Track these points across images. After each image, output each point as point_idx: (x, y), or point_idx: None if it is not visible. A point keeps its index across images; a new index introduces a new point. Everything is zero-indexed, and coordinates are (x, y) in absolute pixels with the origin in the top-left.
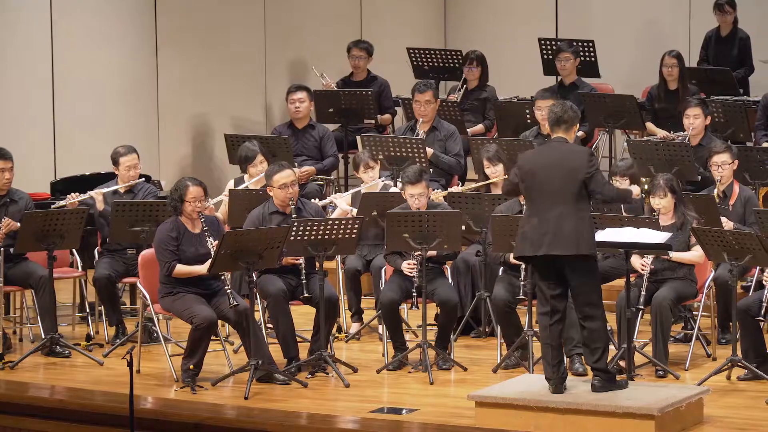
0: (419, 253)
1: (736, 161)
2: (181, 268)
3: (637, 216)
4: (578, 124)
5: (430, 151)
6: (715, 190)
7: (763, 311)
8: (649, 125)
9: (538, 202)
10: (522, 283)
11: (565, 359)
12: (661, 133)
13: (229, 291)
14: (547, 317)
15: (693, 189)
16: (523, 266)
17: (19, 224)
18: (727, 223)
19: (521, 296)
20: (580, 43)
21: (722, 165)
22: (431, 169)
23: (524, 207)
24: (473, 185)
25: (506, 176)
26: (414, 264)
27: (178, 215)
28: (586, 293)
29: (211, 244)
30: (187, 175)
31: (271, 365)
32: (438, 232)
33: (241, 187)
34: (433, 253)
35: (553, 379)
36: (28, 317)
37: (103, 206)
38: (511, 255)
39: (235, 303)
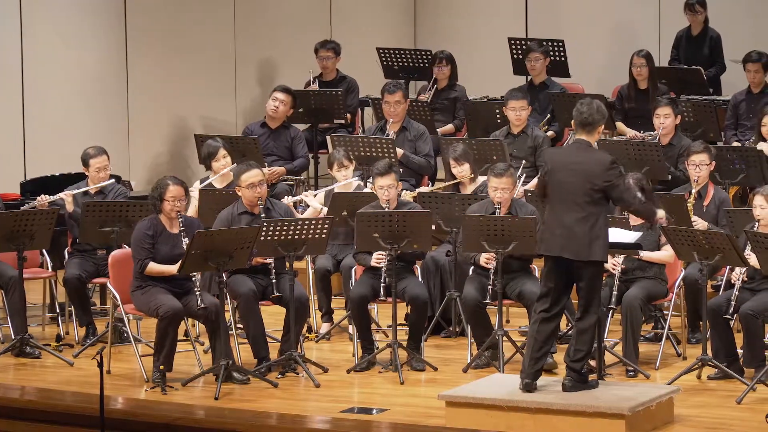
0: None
1: (713, 162)
2: (153, 267)
3: (608, 216)
4: (603, 125)
5: (400, 151)
6: (693, 191)
7: (731, 310)
8: (619, 125)
9: (555, 203)
10: (490, 287)
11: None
12: (630, 132)
13: (198, 292)
14: (542, 314)
15: (663, 188)
16: (492, 268)
17: None
18: (701, 224)
19: (488, 301)
20: (549, 43)
21: (700, 165)
22: (401, 170)
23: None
24: (441, 185)
25: (472, 175)
26: (383, 255)
27: (157, 213)
28: (588, 297)
29: (186, 245)
30: (160, 176)
31: (231, 364)
32: (408, 231)
33: (204, 183)
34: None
35: (526, 372)
36: None
37: (72, 208)
38: (482, 256)
39: (203, 305)
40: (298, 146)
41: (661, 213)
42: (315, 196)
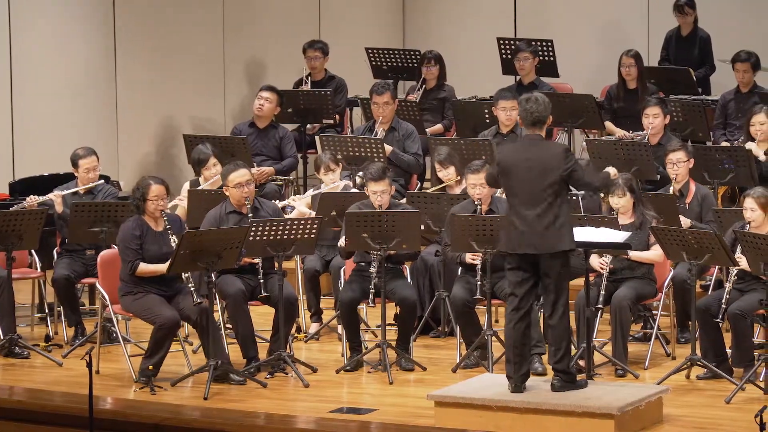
0: (378, 253)
1: (692, 159)
2: (144, 267)
3: (597, 215)
4: (550, 116)
5: (389, 148)
6: (671, 189)
7: (721, 313)
8: (608, 125)
9: (517, 200)
10: (479, 283)
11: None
12: (619, 132)
13: (192, 289)
14: (513, 314)
15: (652, 188)
16: (479, 266)
17: None
18: (685, 221)
19: (479, 296)
20: (538, 43)
21: (677, 163)
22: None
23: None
24: (429, 189)
25: (458, 178)
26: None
27: (140, 214)
28: (556, 290)
29: (174, 242)
30: (148, 175)
31: (227, 365)
32: (397, 231)
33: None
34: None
35: (514, 377)
36: None
37: (62, 208)
38: (468, 255)
39: (198, 301)
40: (287, 146)
41: (612, 170)
42: (300, 199)
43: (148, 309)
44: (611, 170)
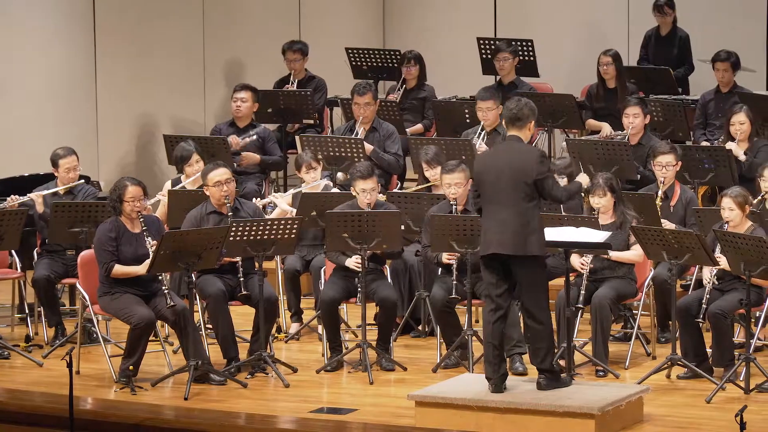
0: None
1: (680, 162)
2: (119, 269)
3: (577, 215)
4: (534, 121)
5: (369, 147)
6: (659, 192)
7: (702, 313)
8: (590, 121)
9: (490, 203)
10: (455, 282)
11: (506, 358)
12: (605, 128)
13: (166, 291)
14: (490, 315)
15: (632, 188)
16: (455, 266)
17: None
18: (668, 225)
19: (454, 295)
20: (518, 43)
21: (666, 166)
22: None
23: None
24: (414, 187)
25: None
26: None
27: (117, 215)
28: (532, 293)
29: (149, 244)
30: (127, 176)
31: (207, 365)
32: (377, 231)
33: (178, 187)
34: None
35: (494, 378)
36: None
37: (42, 208)
38: (444, 255)
39: (172, 303)
40: (271, 146)
41: (584, 179)
42: (282, 197)
43: (123, 309)
44: (583, 180)
